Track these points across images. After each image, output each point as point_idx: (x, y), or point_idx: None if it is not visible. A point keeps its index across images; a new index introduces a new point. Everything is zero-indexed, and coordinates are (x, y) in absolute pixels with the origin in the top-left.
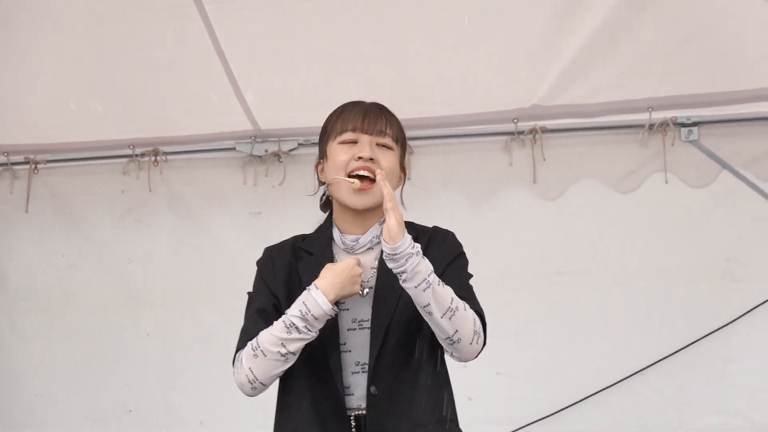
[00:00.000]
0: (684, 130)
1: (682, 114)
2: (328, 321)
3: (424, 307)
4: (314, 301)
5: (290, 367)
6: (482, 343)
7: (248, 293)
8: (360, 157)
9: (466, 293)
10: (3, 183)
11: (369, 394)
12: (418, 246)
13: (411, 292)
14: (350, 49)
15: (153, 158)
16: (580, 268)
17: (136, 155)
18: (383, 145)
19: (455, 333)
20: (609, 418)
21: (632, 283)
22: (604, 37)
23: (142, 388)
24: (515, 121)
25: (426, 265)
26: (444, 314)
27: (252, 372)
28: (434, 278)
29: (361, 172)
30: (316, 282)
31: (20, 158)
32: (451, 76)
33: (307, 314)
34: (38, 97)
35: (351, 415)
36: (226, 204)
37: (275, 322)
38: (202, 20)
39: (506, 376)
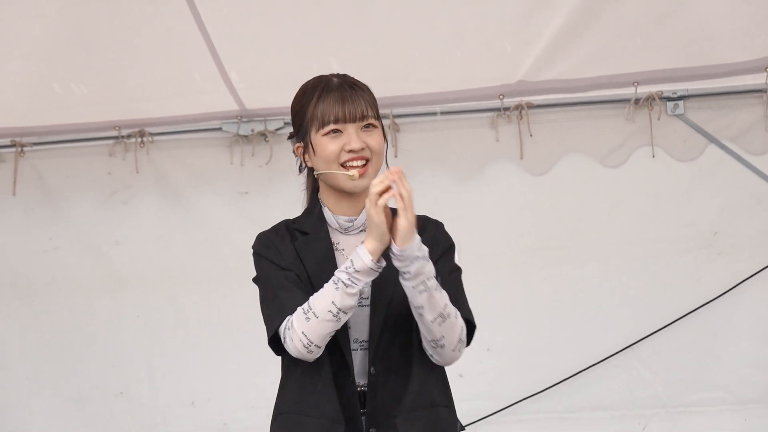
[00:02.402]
0: (670, 104)
1: (667, 88)
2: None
3: (417, 307)
4: (358, 256)
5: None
6: (463, 351)
7: (256, 279)
8: (351, 150)
9: (457, 293)
10: None
11: (369, 374)
12: (425, 249)
13: (407, 291)
14: (334, 26)
15: (139, 139)
16: (568, 243)
17: (122, 137)
18: (369, 125)
19: (441, 338)
20: (599, 394)
21: (620, 257)
22: (587, 12)
23: (130, 371)
24: (501, 97)
25: (429, 269)
26: (435, 319)
27: (306, 336)
28: (433, 282)
29: (356, 163)
30: (363, 242)
31: (6, 141)
32: (435, 52)
33: (349, 268)
34: (21, 80)
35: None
36: (213, 184)
37: (325, 285)
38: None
39: (496, 353)
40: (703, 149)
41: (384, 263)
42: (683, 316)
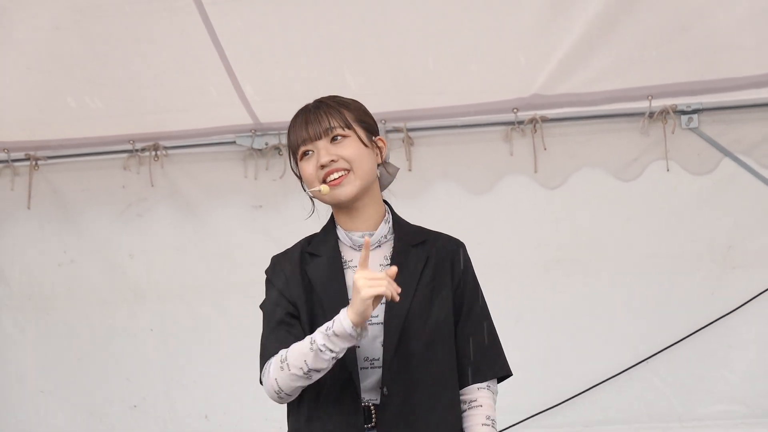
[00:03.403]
0: (684, 118)
1: (682, 101)
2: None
3: None
4: (339, 319)
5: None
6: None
7: (261, 306)
8: (321, 165)
9: (492, 343)
10: (4, 180)
11: (381, 394)
12: None
13: None
14: (348, 40)
15: (153, 153)
16: (582, 256)
17: (137, 150)
18: (337, 136)
19: None
20: (615, 407)
21: (635, 271)
22: (602, 25)
23: (145, 383)
24: (515, 110)
25: None
26: None
27: (277, 383)
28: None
29: (334, 176)
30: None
31: (21, 155)
32: (450, 66)
33: (329, 330)
34: (36, 94)
35: (362, 405)
36: (227, 198)
37: (304, 339)
38: (199, 14)
39: (512, 366)
40: (717, 163)
41: (367, 332)
42: (698, 330)
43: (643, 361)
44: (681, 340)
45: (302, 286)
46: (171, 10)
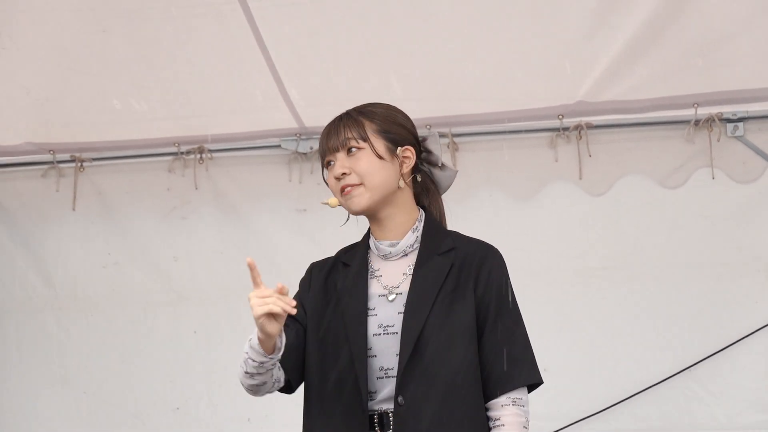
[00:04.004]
0: (730, 126)
1: (727, 110)
2: (351, 328)
3: None
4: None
5: (317, 369)
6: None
7: None
8: (336, 178)
9: (525, 350)
10: (49, 181)
11: (396, 404)
12: None
13: None
14: (393, 45)
15: (198, 156)
16: (626, 263)
17: (182, 153)
18: (352, 148)
19: None
20: (657, 415)
21: (679, 279)
22: (648, 33)
23: (188, 386)
24: (560, 117)
25: None
26: None
27: (239, 376)
28: None
29: (348, 189)
30: None
31: (66, 156)
32: (495, 72)
33: (251, 340)
34: (82, 96)
35: (375, 414)
36: (271, 201)
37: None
38: (245, 17)
39: (553, 373)
40: (762, 171)
41: (279, 354)
42: (742, 339)
43: (685, 369)
44: (724, 348)
45: (325, 294)
46: (217, 14)
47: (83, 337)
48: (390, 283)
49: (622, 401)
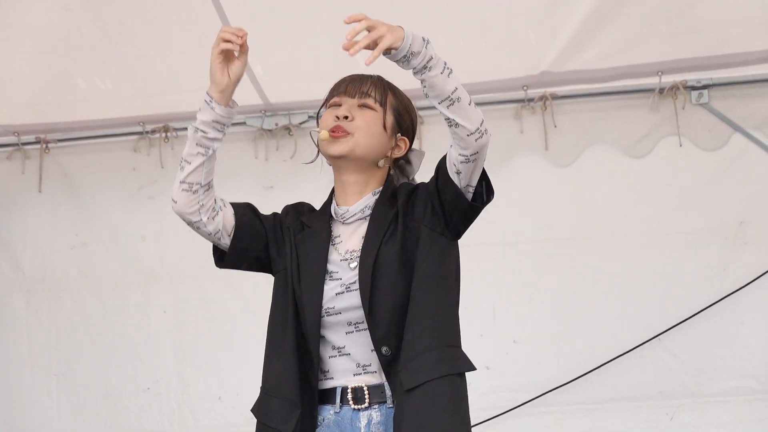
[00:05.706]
0: (694, 93)
1: (692, 77)
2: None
3: (452, 93)
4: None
5: (280, 334)
6: (485, 140)
7: None
8: (337, 116)
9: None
10: (15, 163)
11: (381, 354)
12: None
13: (437, 85)
14: None
15: (163, 135)
16: (594, 233)
17: (147, 132)
18: (364, 105)
19: (452, 119)
20: (626, 384)
21: (646, 247)
22: (611, 1)
23: (158, 366)
24: (525, 88)
25: (429, 53)
26: (442, 102)
27: (180, 182)
28: (435, 69)
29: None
30: None
31: (31, 138)
32: (458, 44)
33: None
34: (45, 76)
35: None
36: (238, 179)
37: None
38: None
39: (523, 344)
40: (728, 138)
41: (233, 112)
42: (710, 305)
43: (654, 337)
44: (692, 316)
45: (290, 241)
46: None
47: (52, 319)
48: (350, 248)
49: (592, 371)
